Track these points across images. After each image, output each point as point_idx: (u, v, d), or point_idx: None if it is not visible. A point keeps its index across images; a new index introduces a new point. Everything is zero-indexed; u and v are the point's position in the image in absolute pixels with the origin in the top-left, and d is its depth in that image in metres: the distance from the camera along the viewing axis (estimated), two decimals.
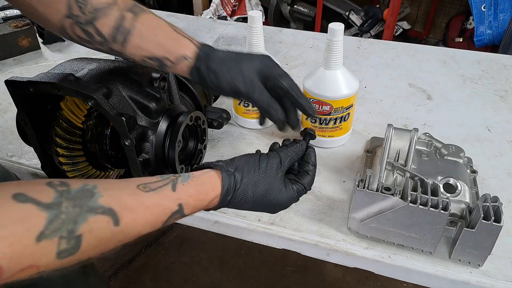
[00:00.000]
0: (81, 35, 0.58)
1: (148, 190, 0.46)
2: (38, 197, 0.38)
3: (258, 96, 0.60)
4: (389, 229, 0.63)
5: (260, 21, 0.81)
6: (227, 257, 1.70)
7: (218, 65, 0.60)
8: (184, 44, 0.60)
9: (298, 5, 2.79)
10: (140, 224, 0.45)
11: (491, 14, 1.93)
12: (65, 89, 0.59)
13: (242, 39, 1.32)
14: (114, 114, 0.58)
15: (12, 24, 1.21)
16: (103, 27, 0.57)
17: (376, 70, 1.15)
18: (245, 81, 0.59)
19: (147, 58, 0.60)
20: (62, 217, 0.38)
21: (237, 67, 0.60)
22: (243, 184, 0.53)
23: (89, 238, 0.40)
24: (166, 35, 0.60)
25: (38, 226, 0.36)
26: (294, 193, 0.57)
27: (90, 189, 0.42)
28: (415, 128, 0.68)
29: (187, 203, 0.49)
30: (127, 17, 0.58)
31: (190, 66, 0.60)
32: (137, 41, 0.58)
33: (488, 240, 0.58)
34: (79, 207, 0.40)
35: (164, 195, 0.47)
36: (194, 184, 0.50)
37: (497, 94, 1.04)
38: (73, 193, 0.40)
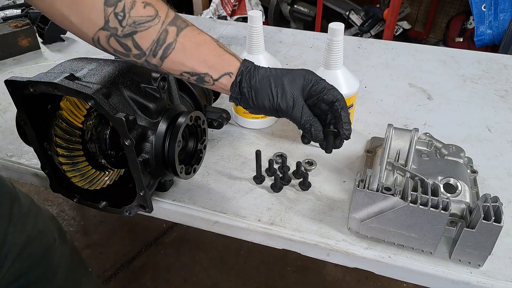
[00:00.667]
0: (117, 48, 0.57)
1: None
2: None
3: (299, 114, 0.59)
4: (389, 229, 0.63)
5: (260, 21, 0.80)
6: (227, 257, 1.70)
7: (259, 82, 0.60)
8: (228, 60, 0.60)
9: (298, 4, 2.79)
10: None
11: (491, 14, 1.93)
12: (64, 89, 0.59)
13: (242, 39, 1.32)
14: (114, 114, 0.58)
15: (12, 24, 1.21)
16: (143, 41, 0.56)
17: (376, 70, 1.15)
18: (286, 98, 0.59)
19: (186, 73, 0.59)
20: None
21: (278, 84, 0.59)
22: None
23: None
24: (211, 51, 0.59)
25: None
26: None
27: None
28: (415, 128, 0.68)
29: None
30: (170, 31, 0.56)
31: (231, 82, 0.60)
32: (179, 56, 0.57)
33: (489, 240, 0.58)
34: None
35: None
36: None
37: (497, 94, 1.04)
38: None
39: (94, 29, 0.55)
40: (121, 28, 0.54)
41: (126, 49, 0.56)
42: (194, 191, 0.76)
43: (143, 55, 0.57)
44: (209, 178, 0.79)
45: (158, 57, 0.57)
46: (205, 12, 3.00)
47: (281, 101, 0.59)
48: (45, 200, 1.98)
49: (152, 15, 0.56)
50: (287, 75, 0.60)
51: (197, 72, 0.59)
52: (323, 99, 0.60)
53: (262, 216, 0.71)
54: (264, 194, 0.75)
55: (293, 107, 0.59)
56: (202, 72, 0.59)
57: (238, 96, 0.61)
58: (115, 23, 0.54)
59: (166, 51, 0.57)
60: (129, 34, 0.55)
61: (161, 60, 0.58)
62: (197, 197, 0.75)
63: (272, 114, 0.62)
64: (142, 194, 0.65)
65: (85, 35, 0.56)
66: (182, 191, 0.76)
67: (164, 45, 0.56)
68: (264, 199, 0.74)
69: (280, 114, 0.60)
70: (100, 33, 0.55)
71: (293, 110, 0.59)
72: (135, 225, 1.86)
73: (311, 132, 0.60)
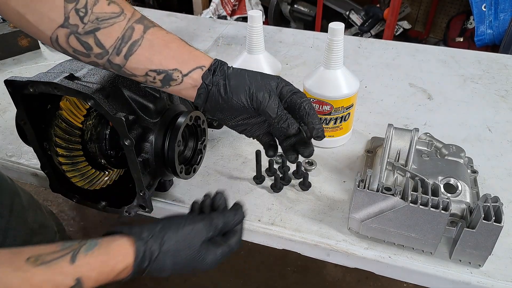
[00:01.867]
0: (77, 47, 0.53)
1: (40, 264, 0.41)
2: None
3: (276, 105, 0.56)
4: (390, 229, 0.63)
5: (260, 21, 0.80)
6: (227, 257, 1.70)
7: (234, 74, 0.57)
8: (199, 56, 0.58)
9: (298, 4, 2.78)
10: None
11: (492, 13, 1.93)
12: (64, 89, 0.59)
13: (242, 38, 1.32)
14: (114, 114, 0.57)
15: (11, 24, 1.21)
16: (106, 38, 0.53)
17: (376, 70, 1.15)
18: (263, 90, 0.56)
19: (153, 72, 0.56)
20: None
21: (253, 78, 0.57)
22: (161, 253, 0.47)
23: None
24: (180, 48, 0.57)
25: None
26: (219, 257, 0.53)
27: None
28: (416, 128, 0.68)
29: (88, 276, 0.44)
30: (136, 28, 0.54)
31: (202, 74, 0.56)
32: (146, 53, 0.54)
33: (489, 240, 0.58)
34: None
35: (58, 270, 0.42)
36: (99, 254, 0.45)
37: (498, 94, 1.04)
38: None
39: (52, 27, 0.51)
40: (82, 25, 0.51)
41: (87, 48, 0.53)
42: (194, 191, 0.76)
43: (105, 54, 0.54)
44: (209, 178, 0.79)
45: (122, 55, 0.54)
46: (205, 12, 3.00)
47: (258, 92, 0.55)
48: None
49: (117, 12, 0.53)
50: (260, 73, 0.59)
51: (165, 69, 0.55)
52: (291, 100, 0.57)
53: (262, 216, 0.71)
54: (264, 194, 0.75)
55: (269, 99, 0.55)
56: (171, 68, 0.55)
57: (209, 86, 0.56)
58: (76, 20, 0.51)
59: (132, 48, 0.54)
60: (91, 31, 0.52)
61: (125, 58, 0.54)
62: (197, 197, 0.74)
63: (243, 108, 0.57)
64: (142, 194, 0.65)
65: (42, 34, 0.53)
66: (182, 191, 0.76)
67: (129, 42, 0.53)
68: (264, 199, 0.74)
69: (254, 105, 0.56)
70: (59, 31, 0.51)
71: (269, 101, 0.55)
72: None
73: (287, 123, 0.56)
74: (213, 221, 0.53)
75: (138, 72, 0.56)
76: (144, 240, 0.47)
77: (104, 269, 0.45)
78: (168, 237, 0.48)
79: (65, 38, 0.52)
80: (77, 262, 0.43)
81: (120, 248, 0.46)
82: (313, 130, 0.56)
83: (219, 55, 1.24)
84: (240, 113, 0.59)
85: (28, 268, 0.41)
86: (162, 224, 0.50)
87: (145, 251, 0.47)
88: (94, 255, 0.45)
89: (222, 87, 0.56)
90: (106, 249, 0.46)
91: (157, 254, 0.47)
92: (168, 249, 0.48)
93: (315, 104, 0.80)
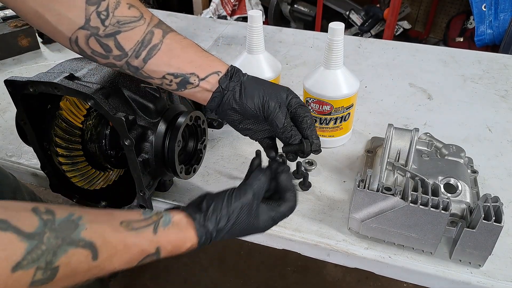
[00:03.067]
0: (96, 48, 0.54)
1: (131, 229, 0.46)
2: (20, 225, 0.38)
3: (284, 116, 0.59)
4: (390, 229, 0.63)
5: (260, 21, 0.80)
6: (227, 257, 1.70)
7: (248, 80, 0.60)
8: (215, 61, 0.60)
9: (298, 4, 2.78)
10: (117, 261, 0.45)
11: (492, 13, 1.93)
12: (64, 89, 0.59)
13: (242, 38, 1.32)
14: (114, 114, 0.57)
15: (11, 24, 1.21)
16: (126, 41, 0.54)
17: (376, 70, 1.15)
18: (275, 100, 0.59)
19: (170, 75, 0.57)
20: (42, 248, 0.38)
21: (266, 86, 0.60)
22: (217, 232, 0.52)
23: (66, 270, 0.40)
24: (197, 53, 0.59)
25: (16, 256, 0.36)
26: (271, 222, 0.56)
27: (75, 220, 0.42)
28: (416, 128, 0.68)
29: (165, 248, 0.49)
30: (155, 33, 0.55)
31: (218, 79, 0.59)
32: (165, 57, 0.56)
33: (489, 240, 0.58)
34: (61, 238, 0.40)
35: (145, 237, 0.47)
36: (174, 231, 0.50)
37: (498, 94, 1.04)
38: (58, 223, 0.40)
39: (72, 28, 0.52)
40: (103, 28, 0.52)
41: (107, 50, 0.54)
42: (194, 191, 0.76)
43: (124, 56, 0.55)
44: (209, 178, 0.79)
45: (141, 59, 0.55)
46: (205, 11, 3.00)
47: (271, 101, 0.59)
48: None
49: (137, 16, 0.54)
50: (271, 83, 0.62)
51: (183, 73, 0.57)
52: (296, 112, 0.61)
53: None
54: None
55: (278, 109, 0.59)
56: (189, 72, 0.57)
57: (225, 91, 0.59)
58: (97, 23, 0.52)
59: (151, 52, 0.55)
60: (112, 34, 0.53)
61: (143, 61, 0.56)
62: None
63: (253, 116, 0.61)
64: (142, 194, 0.65)
65: (61, 34, 0.53)
66: (182, 191, 0.76)
67: (149, 46, 0.55)
68: None
69: (265, 113, 0.59)
70: (79, 33, 0.52)
71: (280, 111, 0.59)
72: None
73: (291, 134, 0.60)
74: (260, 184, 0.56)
75: (155, 75, 0.57)
76: (203, 225, 0.51)
77: (177, 243, 0.50)
78: (221, 216, 0.52)
79: (85, 40, 0.53)
80: (158, 233, 0.48)
81: (187, 230, 0.51)
82: (312, 144, 0.60)
83: (219, 55, 1.23)
84: (249, 118, 0.62)
85: (123, 230, 0.46)
86: (216, 203, 0.53)
87: (206, 235, 0.51)
88: (169, 231, 0.49)
89: (237, 93, 0.59)
90: (177, 227, 0.50)
91: (214, 234, 0.52)
92: (223, 227, 0.52)
93: (315, 104, 0.80)
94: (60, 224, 0.41)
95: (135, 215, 0.49)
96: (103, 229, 0.44)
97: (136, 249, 0.46)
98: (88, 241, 0.42)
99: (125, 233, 0.46)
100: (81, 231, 0.41)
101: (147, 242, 0.47)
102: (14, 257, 0.36)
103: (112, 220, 0.46)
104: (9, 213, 0.38)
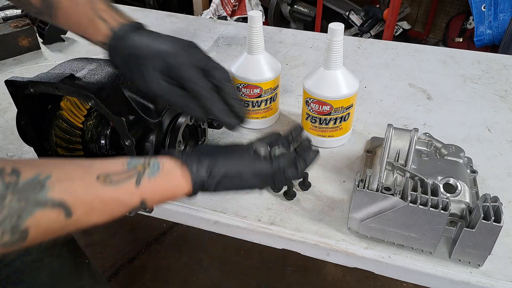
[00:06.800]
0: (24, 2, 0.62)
1: (108, 183, 0.45)
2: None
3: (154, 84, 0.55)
4: (389, 229, 0.63)
5: (260, 21, 0.81)
6: (227, 257, 1.70)
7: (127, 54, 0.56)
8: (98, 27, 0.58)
9: (298, 5, 2.79)
10: (96, 217, 0.44)
11: (491, 14, 1.93)
12: (65, 89, 0.59)
13: (242, 39, 1.32)
14: (114, 114, 0.58)
15: (12, 24, 1.21)
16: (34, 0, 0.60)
17: (376, 70, 1.15)
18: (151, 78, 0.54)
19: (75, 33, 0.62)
20: (4, 212, 0.37)
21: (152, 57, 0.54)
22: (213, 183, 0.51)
23: (37, 230, 0.39)
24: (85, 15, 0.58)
25: None
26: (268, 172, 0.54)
27: (42, 180, 0.41)
28: (415, 128, 0.68)
29: (151, 198, 0.48)
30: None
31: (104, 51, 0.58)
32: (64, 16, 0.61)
33: (488, 240, 0.58)
34: (25, 200, 0.39)
35: (125, 190, 0.46)
36: (162, 181, 0.48)
37: (497, 94, 1.04)
38: (21, 185, 0.39)
39: None
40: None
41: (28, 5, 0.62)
42: None
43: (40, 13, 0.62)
44: None
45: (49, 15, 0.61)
46: (205, 12, 3.00)
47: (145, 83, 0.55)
48: None
49: None
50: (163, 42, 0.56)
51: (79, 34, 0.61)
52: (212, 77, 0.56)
53: (262, 216, 0.71)
54: (264, 194, 0.75)
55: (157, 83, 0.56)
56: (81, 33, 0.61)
57: None
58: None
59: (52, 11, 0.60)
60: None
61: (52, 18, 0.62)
62: (197, 197, 0.75)
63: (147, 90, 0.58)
64: None
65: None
66: None
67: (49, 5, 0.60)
68: (264, 199, 0.74)
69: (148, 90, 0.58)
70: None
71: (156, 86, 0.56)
72: (135, 225, 1.86)
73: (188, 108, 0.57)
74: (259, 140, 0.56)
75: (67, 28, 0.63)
76: (197, 174, 0.50)
77: (164, 194, 0.49)
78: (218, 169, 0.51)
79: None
80: (142, 185, 0.46)
81: (179, 177, 0.49)
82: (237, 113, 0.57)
83: (219, 55, 1.24)
84: None
85: (98, 186, 0.44)
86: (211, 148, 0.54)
87: (200, 183, 0.50)
88: (156, 182, 0.48)
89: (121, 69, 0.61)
90: (166, 176, 0.49)
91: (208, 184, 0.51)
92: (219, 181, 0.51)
93: (314, 105, 0.80)
94: (24, 186, 0.39)
95: (117, 166, 0.47)
96: (74, 187, 0.43)
97: (115, 204, 0.45)
98: (57, 201, 0.41)
99: (101, 189, 0.44)
100: (48, 192, 0.40)
101: (128, 196, 0.46)
102: None
103: (87, 174, 0.44)
104: None
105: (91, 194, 0.43)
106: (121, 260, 1.71)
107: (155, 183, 0.48)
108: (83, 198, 0.43)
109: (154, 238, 1.79)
